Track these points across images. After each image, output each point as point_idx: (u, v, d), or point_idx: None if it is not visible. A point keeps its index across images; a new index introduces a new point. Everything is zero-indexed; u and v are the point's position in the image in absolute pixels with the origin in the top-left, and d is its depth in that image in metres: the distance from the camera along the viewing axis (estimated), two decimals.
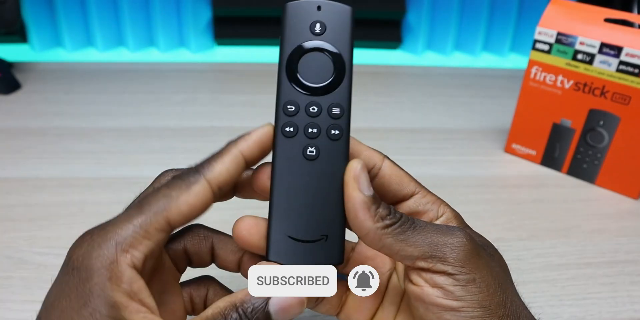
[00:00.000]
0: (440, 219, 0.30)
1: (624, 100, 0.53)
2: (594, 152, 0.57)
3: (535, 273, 0.46)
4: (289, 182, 0.28)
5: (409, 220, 0.27)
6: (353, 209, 0.26)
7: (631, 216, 0.53)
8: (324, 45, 0.29)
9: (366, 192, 0.27)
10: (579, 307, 0.42)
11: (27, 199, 0.51)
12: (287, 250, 0.28)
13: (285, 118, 0.29)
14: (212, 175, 0.27)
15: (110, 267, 0.24)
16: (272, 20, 0.89)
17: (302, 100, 0.29)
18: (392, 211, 0.27)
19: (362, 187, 0.27)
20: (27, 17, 0.83)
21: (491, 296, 0.26)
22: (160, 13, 0.85)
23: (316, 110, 0.29)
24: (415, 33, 0.91)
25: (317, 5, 0.29)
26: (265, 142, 0.28)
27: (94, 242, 0.25)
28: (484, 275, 0.26)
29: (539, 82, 0.58)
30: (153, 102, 0.71)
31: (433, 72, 0.85)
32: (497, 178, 0.59)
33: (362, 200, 0.26)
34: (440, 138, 0.66)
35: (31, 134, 0.63)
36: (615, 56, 0.52)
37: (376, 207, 0.26)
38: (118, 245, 0.25)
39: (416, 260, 0.26)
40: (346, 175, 0.27)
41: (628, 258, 0.48)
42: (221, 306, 0.25)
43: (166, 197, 0.26)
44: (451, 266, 0.26)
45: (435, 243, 0.26)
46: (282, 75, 0.29)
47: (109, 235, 0.25)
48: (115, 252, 0.24)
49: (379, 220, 0.26)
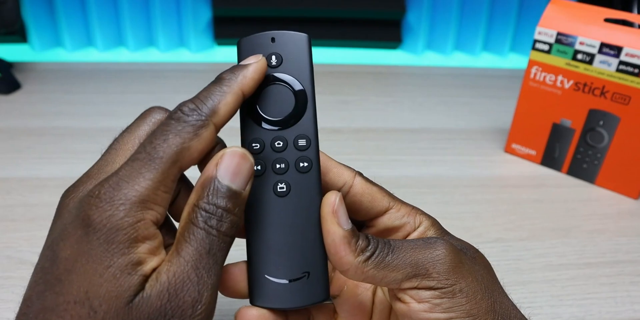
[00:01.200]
0: (418, 229, 0.29)
1: (624, 100, 0.53)
2: (593, 152, 0.57)
3: (536, 273, 0.46)
4: (263, 221, 0.28)
5: (386, 245, 0.26)
6: (333, 245, 0.26)
7: (631, 216, 0.53)
8: (282, 77, 0.28)
9: (345, 226, 0.26)
10: (579, 307, 0.42)
11: (27, 199, 0.51)
12: (269, 292, 0.27)
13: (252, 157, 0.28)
14: (218, 119, 0.26)
15: (136, 226, 0.24)
16: (272, 20, 0.89)
17: (267, 136, 0.28)
18: (370, 240, 0.26)
19: (341, 221, 0.26)
20: (27, 17, 0.83)
21: (479, 303, 0.26)
22: (160, 13, 0.85)
23: (282, 144, 0.28)
24: (415, 33, 0.91)
25: (270, 37, 0.29)
26: (261, 76, 0.27)
27: (113, 201, 0.24)
28: (469, 282, 0.26)
29: (539, 82, 0.58)
30: (153, 102, 0.71)
31: (433, 72, 0.85)
32: (497, 178, 0.59)
33: (342, 235, 0.25)
34: (440, 138, 0.66)
35: (31, 134, 0.63)
36: (615, 56, 0.52)
37: (356, 240, 0.26)
38: (141, 204, 0.24)
39: (401, 283, 0.26)
40: (323, 210, 0.26)
41: (628, 258, 0.48)
42: (184, 216, 0.25)
43: (177, 146, 0.25)
44: (436, 281, 0.25)
45: (416, 262, 0.26)
46: (244, 113, 0.29)
47: (128, 192, 0.24)
48: (140, 211, 0.24)
49: (360, 254, 0.25)
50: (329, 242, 0.26)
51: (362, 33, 0.91)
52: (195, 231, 0.24)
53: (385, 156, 0.62)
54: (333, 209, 0.26)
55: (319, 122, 0.30)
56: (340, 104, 0.72)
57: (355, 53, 0.92)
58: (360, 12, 0.89)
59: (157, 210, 0.25)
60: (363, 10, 0.88)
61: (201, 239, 0.24)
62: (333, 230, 0.26)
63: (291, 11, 0.88)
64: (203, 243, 0.24)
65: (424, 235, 0.29)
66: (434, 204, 0.54)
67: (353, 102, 0.73)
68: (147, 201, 0.24)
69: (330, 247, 0.26)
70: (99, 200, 0.24)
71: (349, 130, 0.66)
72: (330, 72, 0.83)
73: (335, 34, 0.91)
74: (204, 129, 0.25)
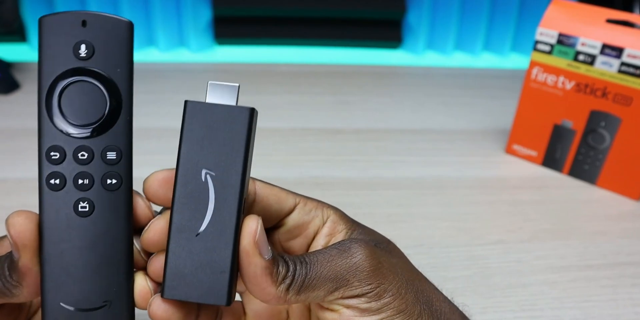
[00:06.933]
0: (327, 223, 0.29)
1: (626, 101, 0.53)
2: (595, 153, 0.57)
3: (537, 275, 0.45)
4: (60, 242, 0.24)
5: (302, 264, 0.25)
6: (254, 277, 0.24)
7: (632, 217, 0.53)
8: (93, 73, 0.24)
9: (267, 256, 0.24)
10: (580, 309, 0.42)
11: (27, 200, 0.51)
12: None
13: (49, 167, 0.24)
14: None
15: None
16: (273, 20, 0.88)
17: (69, 144, 0.24)
18: (288, 263, 0.25)
19: (262, 251, 0.24)
20: (27, 16, 0.83)
21: (405, 297, 0.26)
22: (160, 13, 0.85)
23: (86, 156, 0.24)
24: (415, 33, 0.90)
25: (81, 20, 0.23)
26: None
27: None
28: (391, 280, 0.26)
29: (540, 83, 0.58)
30: (153, 102, 0.71)
31: (433, 72, 0.85)
32: (498, 179, 0.59)
33: (264, 266, 0.24)
34: (441, 139, 0.66)
35: (31, 134, 0.62)
36: (617, 57, 0.52)
37: (276, 268, 0.24)
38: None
39: (324, 298, 0.25)
40: (244, 241, 0.24)
41: (629, 260, 0.48)
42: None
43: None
44: (359, 289, 0.25)
45: (335, 275, 0.25)
46: (42, 113, 0.24)
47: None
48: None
49: (281, 283, 0.24)
50: (250, 273, 0.24)
51: (362, 33, 0.91)
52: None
53: (386, 157, 0.62)
54: (254, 240, 0.24)
55: (318, 122, 0.28)
56: (341, 104, 0.72)
57: (355, 53, 0.91)
58: (360, 12, 0.88)
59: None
60: (363, 10, 0.87)
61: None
62: (255, 262, 0.24)
63: (291, 11, 0.88)
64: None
65: (335, 230, 0.29)
66: (435, 206, 0.54)
67: (353, 103, 0.73)
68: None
69: (252, 279, 0.24)
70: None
71: (349, 131, 0.65)
72: (330, 72, 0.83)
73: (335, 34, 0.91)
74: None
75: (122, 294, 0.25)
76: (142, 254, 0.26)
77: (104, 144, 0.24)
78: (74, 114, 0.24)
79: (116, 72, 0.24)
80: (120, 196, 0.24)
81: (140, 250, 0.26)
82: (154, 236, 0.25)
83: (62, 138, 0.24)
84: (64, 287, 0.24)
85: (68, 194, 0.24)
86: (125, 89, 0.24)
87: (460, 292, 0.43)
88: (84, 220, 0.24)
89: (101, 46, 0.24)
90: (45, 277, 0.24)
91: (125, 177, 0.24)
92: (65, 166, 0.24)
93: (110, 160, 0.24)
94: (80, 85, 0.24)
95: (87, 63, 0.24)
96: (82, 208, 0.24)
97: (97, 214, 0.24)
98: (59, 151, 0.24)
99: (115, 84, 0.24)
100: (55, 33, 0.23)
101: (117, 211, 0.24)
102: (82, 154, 0.24)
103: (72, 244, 0.24)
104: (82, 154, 0.24)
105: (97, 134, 0.24)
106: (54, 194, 0.24)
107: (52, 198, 0.24)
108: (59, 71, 0.24)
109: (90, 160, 0.24)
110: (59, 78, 0.24)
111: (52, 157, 0.24)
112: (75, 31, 0.23)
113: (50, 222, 0.24)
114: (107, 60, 0.24)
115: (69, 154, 0.24)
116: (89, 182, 0.24)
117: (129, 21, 0.24)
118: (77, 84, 0.24)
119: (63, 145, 0.24)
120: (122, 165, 0.24)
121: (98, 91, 0.24)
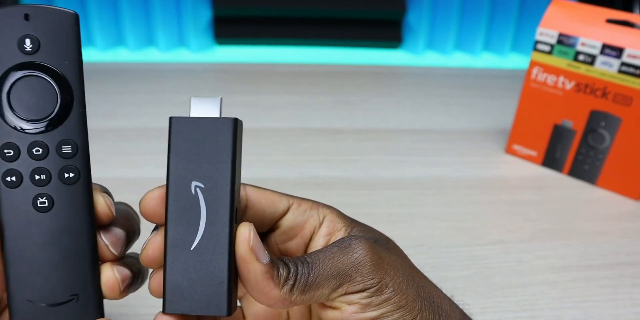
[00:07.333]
0: (325, 223, 0.29)
1: (626, 101, 0.53)
2: (595, 153, 0.57)
3: (537, 275, 0.45)
4: (22, 239, 0.24)
5: (304, 264, 0.25)
6: (256, 282, 0.24)
7: (632, 217, 0.53)
8: (41, 67, 0.23)
9: (264, 260, 0.24)
10: (580, 309, 0.42)
11: None
12: (33, 317, 0.24)
13: (4, 165, 0.24)
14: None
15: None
16: (273, 20, 0.88)
17: (22, 140, 0.24)
18: (289, 265, 0.25)
19: (259, 256, 0.24)
20: None
21: (406, 293, 0.26)
22: (160, 13, 0.85)
23: (41, 151, 0.24)
24: (415, 33, 0.90)
25: (23, 14, 0.23)
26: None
27: None
28: (392, 275, 0.26)
29: (540, 83, 0.58)
30: (153, 102, 0.71)
31: (433, 72, 0.85)
32: (498, 179, 0.59)
33: (263, 271, 0.24)
34: (441, 139, 0.66)
35: None
36: (617, 57, 0.52)
37: (277, 271, 0.24)
38: None
39: (329, 296, 0.25)
40: (239, 248, 0.24)
41: (629, 260, 0.48)
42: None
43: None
44: (362, 284, 0.25)
45: (337, 272, 0.25)
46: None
47: None
48: None
49: (284, 284, 0.24)
50: (251, 280, 0.24)
51: (362, 33, 0.91)
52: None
53: (386, 157, 0.62)
54: (249, 246, 0.24)
55: (318, 122, 0.28)
56: (341, 104, 0.72)
57: (355, 53, 0.91)
58: (361, 12, 0.88)
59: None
60: (363, 10, 0.87)
61: None
62: (253, 267, 0.24)
63: (291, 11, 0.88)
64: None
65: (334, 229, 0.28)
66: (435, 206, 0.54)
67: (353, 103, 0.73)
68: None
69: (254, 285, 0.24)
70: None
71: (349, 131, 0.65)
72: (330, 72, 0.83)
73: (335, 34, 0.91)
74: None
75: (89, 287, 0.25)
76: (109, 246, 0.26)
77: (59, 138, 0.24)
78: (26, 110, 0.24)
79: (64, 65, 0.24)
80: (79, 189, 0.24)
81: (105, 242, 0.26)
82: (152, 253, 0.25)
83: (15, 135, 0.24)
84: (29, 283, 0.24)
85: (26, 190, 0.24)
86: (76, 82, 0.24)
87: (460, 292, 0.43)
88: (44, 215, 0.24)
89: (46, 39, 0.23)
90: (9, 274, 0.24)
91: (83, 169, 0.24)
92: (21, 163, 0.24)
93: (66, 154, 0.24)
94: (29, 80, 0.24)
95: (34, 57, 0.23)
96: (41, 204, 0.24)
97: (57, 209, 0.24)
98: (13, 148, 0.24)
99: (64, 77, 0.24)
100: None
101: (77, 205, 0.24)
102: (36, 149, 0.24)
103: (34, 240, 0.24)
104: (37, 149, 0.24)
105: (52, 128, 0.24)
106: (11, 191, 0.24)
107: (10, 195, 0.24)
108: (5, 67, 0.23)
109: (45, 155, 0.24)
110: (6, 74, 0.23)
111: (6, 154, 0.24)
112: (18, 25, 0.23)
113: (10, 220, 0.24)
114: (54, 53, 0.24)
115: (23, 150, 0.24)
116: (46, 177, 0.24)
117: (74, 12, 0.24)
118: (25, 79, 0.24)
119: (16, 142, 0.24)
120: (78, 158, 0.24)
121: (47, 85, 0.24)
